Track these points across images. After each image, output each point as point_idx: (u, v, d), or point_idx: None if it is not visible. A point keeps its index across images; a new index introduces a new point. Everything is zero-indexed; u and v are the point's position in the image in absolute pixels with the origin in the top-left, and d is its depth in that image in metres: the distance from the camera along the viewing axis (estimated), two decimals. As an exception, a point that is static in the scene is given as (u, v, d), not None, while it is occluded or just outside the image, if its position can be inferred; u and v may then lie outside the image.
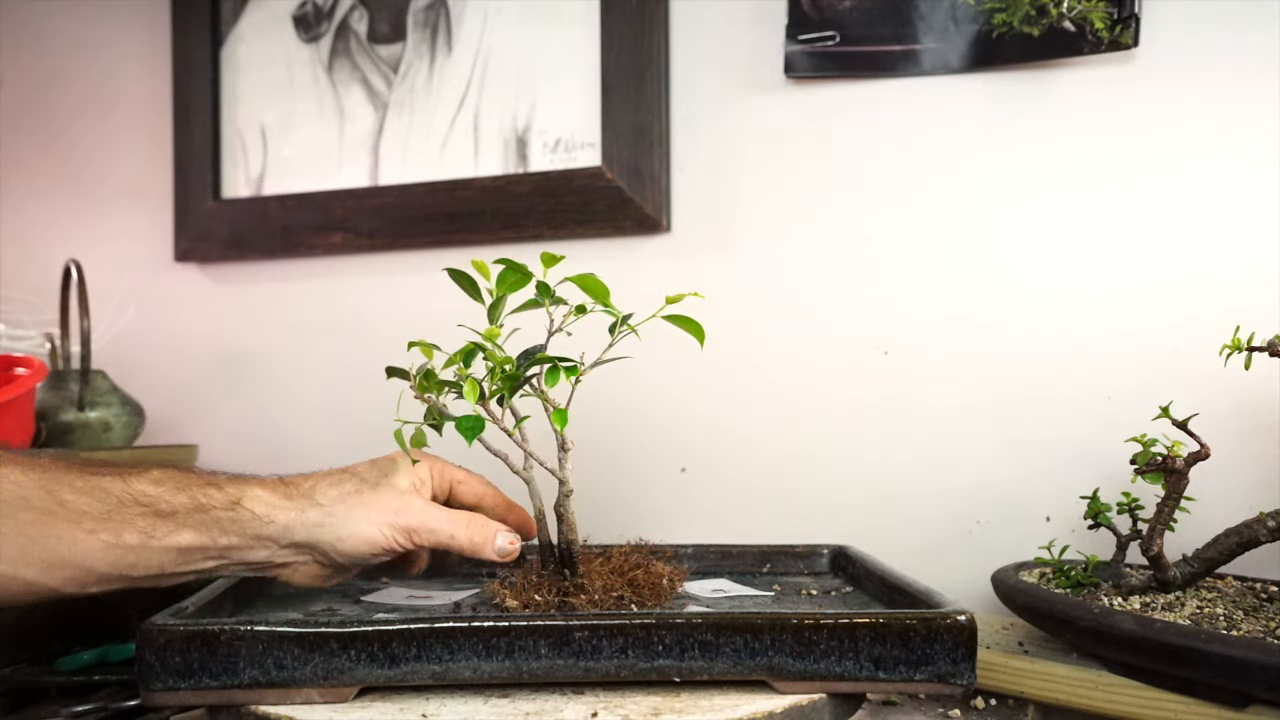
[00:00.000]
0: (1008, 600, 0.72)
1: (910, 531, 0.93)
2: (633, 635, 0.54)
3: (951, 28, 0.92)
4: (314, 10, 1.18)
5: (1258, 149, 0.84)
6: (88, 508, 0.57)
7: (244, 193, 1.20)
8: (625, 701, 0.53)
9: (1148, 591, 0.71)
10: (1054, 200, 0.91)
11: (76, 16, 1.30)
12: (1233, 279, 0.85)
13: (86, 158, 1.29)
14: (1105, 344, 0.88)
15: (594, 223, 1.04)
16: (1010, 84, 0.92)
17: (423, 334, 0.66)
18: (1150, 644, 0.59)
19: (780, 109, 1.00)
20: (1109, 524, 0.75)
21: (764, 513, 0.98)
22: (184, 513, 0.59)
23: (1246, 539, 0.67)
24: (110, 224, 1.27)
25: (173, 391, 1.21)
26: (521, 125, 1.09)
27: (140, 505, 0.58)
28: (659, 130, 1.02)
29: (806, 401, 0.98)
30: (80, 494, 0.57)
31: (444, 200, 1.10)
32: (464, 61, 1.12)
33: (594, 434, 0.74)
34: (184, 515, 0.59)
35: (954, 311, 0.93)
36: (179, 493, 0.59)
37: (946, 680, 0.53)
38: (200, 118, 1.20)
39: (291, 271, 1.18)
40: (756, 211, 1.00)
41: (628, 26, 1.03)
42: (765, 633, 0.54)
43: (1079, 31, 0.87)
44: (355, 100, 1.16)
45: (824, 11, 0.96)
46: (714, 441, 1.00)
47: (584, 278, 0.61)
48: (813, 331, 0.98)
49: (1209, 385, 0.82)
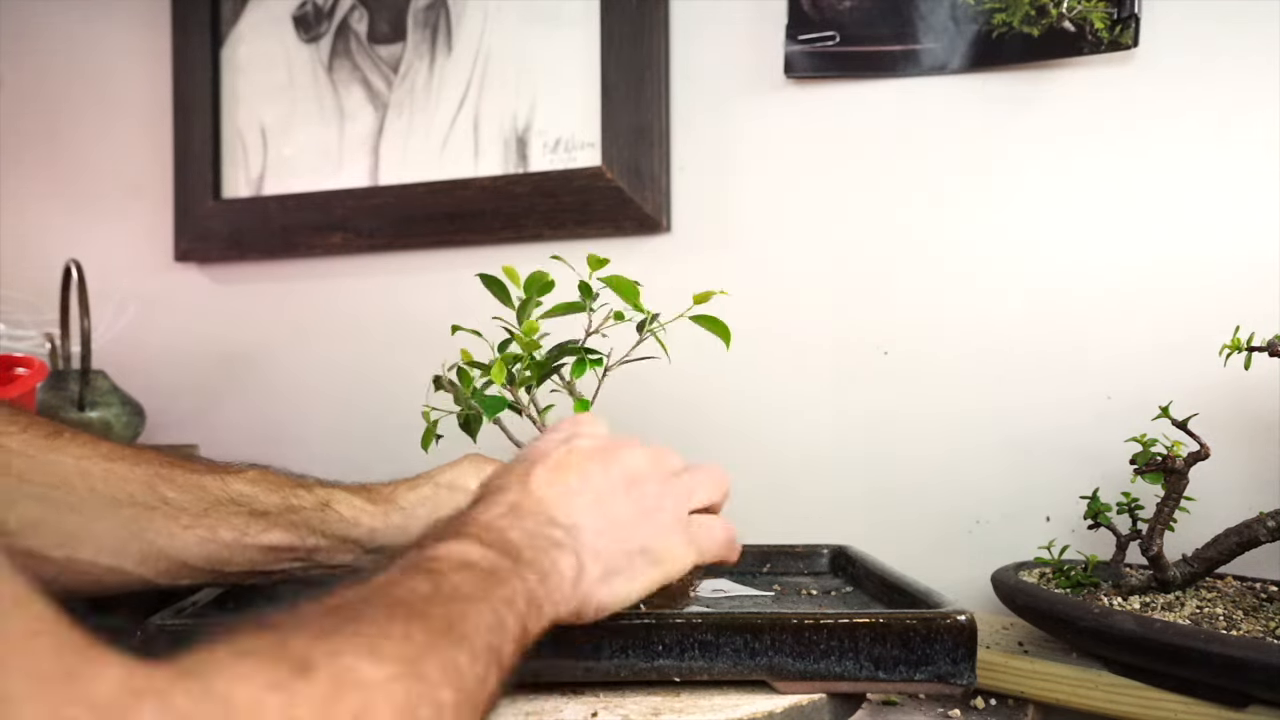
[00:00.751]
0: (1008, 600, 0.72)
1: (910, 531, 0.93)
2: (633, 635, 0.54)
3: (951, 28, 0.92)
4: (314, 10, 1.18)
5: (1257, 149, 0.84)
6: (187, 504, 0.58)
7: (244, 193, 1.20)
8: (625, 701, 0.53)
9: (1148, 591, 0.71)
10: (1054, 200, 0.91)
11: (76, 16, 1.30)
12: (1233, 279, 0.85)
13: (86, 158, 1.29)
14: (1105, 344, 0.88)
15: (594, 223, 1.04)
16: (1010, 84, 0.92)
17: (422, 334, 0.67)
18: (1150, 644, 0.59)
19: (780, 109, 1.00)
20: (1109, 524, 0.75)
21: (764, 513, 0.98)
22: (276, 513, 0.60)
23: (1246, 539, 0.67)
24: (110, 224, 1.27)
25: (173, 391, 1.21)
26: (521, 125, 1.09)
27: (236, 504, 0.59)
28: (659, 130, 1.02)
29: (806, 401, 0.98)
30: (181, 491, 0.58)
31: (444, 200, 1.10)
32: (464, 61, 1.12)
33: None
34: (276, 515, 0.60)
35: (954, 311, 0.93)
36: (272, 493, 0.61)
37: (946, 680, 0.53)
38: (200, 118, 1.20)
39: (291, 271, 1.18)
40: (756, 211, 1.00)
41: (628, 26, 1.03)
42: (765, 633, 0.54)
43: (1079, 31, 0.87)
44: (355, 100, 1.16)
45: (824, 11, 0.96)
46: (714, 441, 1.00)
47: (616, 279, 0.64)
48: (813, 331, 0.98)
49: (1209, 385, 0.82)
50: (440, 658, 0.35)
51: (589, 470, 0.51)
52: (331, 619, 0.34)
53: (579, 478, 0.50)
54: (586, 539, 0.48)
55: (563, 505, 0.49)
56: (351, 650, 0.32)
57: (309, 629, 0.33)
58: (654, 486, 0.53)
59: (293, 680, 0.30)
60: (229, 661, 0.29)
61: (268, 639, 0.31)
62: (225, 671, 0.28)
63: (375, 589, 0.38)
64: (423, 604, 0.37)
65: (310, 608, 0.34)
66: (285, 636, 0.31)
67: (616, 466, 0.52)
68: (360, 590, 0.37)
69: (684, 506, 0.54)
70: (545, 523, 0.47)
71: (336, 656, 0.31)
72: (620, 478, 0.52)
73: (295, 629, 0.32)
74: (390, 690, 0.32)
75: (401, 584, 0.38)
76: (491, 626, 0.39)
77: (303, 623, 0.33)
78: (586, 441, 0.53)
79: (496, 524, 0.46)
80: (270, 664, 0.30)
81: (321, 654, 0.31)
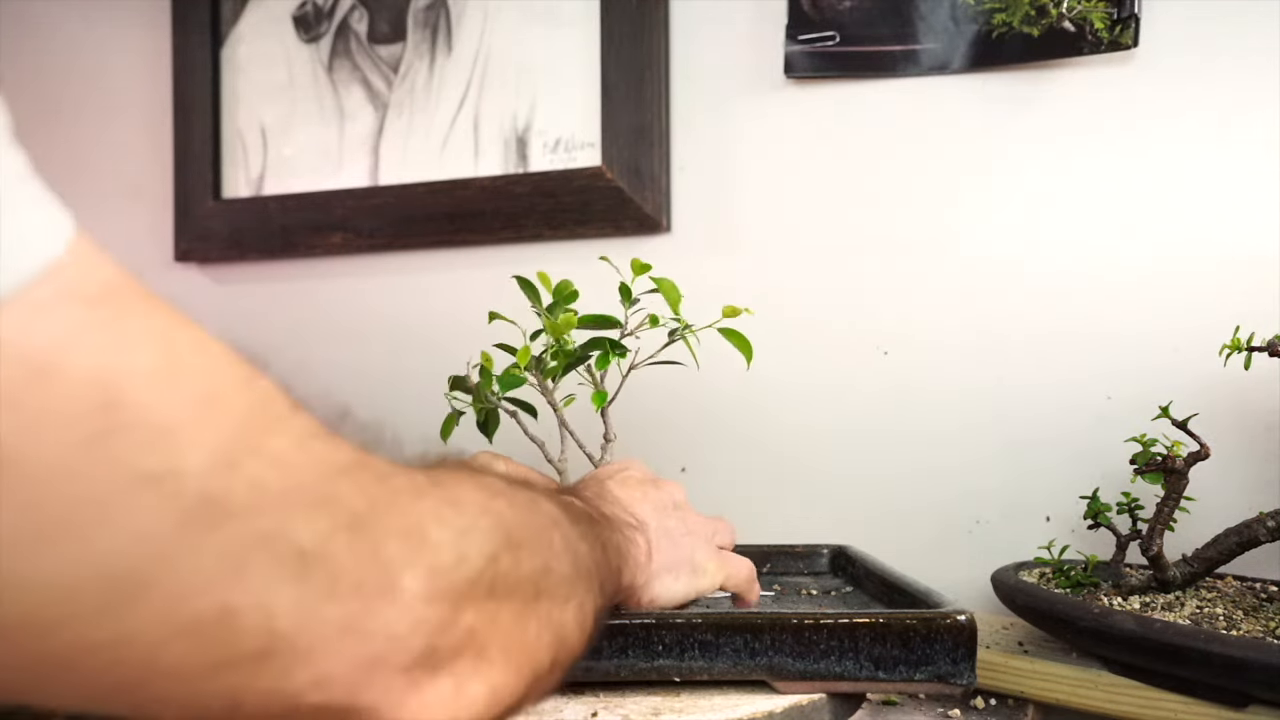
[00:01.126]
0: (1008, 600, 0.72)
1: (910, 531, 0.93)
2: (633, 635, 0.54)
3: (951, 28, 0.92)
4: (314, 10, 1.18)
5: (1258, 149, 0.84)
6: None
7: (244, 193, 1.20)
8: (625, 701, 0.53)
9: (1147, 591, 0.71)
10: (1054, 200, 0.91)
11: (76, 16, 1.30)
12: (1233, 279, 0.85)
13: (86, 158, 1.29)
14: (1105, 344, 0.88)
15: (594, 223, 1.04)
16: (1010, 84, 0.92)
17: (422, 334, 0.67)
18: (1150, 644, 0.59)
19: (780, 109, 1.00)
20: (1109, 524, 0.75)
21: (764, 513, 0.98)
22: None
23: (1246, 539, 0.67)
24: (110, 224, 1.27)
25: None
26: (521, 125, 1.09)
27: None
28: (659, 130, 1.02)
29: (806, 401, 0.98)
30: None
31: (444, 200, 1.10)
32: (464, 62, 1.12)
33: (595, 433, 0.74)
34: None
35: (954, 311, 0.93)
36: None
37: (946, 680, 0.53)
38: (200, 118, 1.20)
39: (291, 271, 1.18)
40: (756, 211, 1.00)
41: (628, 26, 1.03)
42: (765, 633, 0.54)
43: (1079, 32, 0.87)
44: (355, 100, 1.16)
45: (824, 12, 0.96)
46: (714, 441, 1.00)
47: (663, 282, 0.67)
48: (812, 331, 0.98)
49: (1209, 385, 0.82)
50: (579, 528, 0.41)
51: (648, 490, 0.58)
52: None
53: (641, 493, 0.57)
54: (652, 535, 0.54)
55: (635, 507, 0.55)
56: (525, 493, 0.39)
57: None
58: (694, 516, 0.60)
59: (480, 482, 0.36)
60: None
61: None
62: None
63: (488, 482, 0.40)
64: (528, 502, 0.40)
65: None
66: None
67: (666, 494, 0.59)
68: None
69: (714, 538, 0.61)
70: (624, 513, 0.53)
71: (513, 488, 0.38)
72: (669, 503, 0.59)
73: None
74: (552, 510, 0.39)
75: (511, 492, 0.40)
76: (601, 540, 0.45)
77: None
78: (637, 473, 0.60)
79: (591, 500, 0.51)
80: (462, 472, 0.36)
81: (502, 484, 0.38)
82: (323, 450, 0.29)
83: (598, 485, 0.56)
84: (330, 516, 0.27)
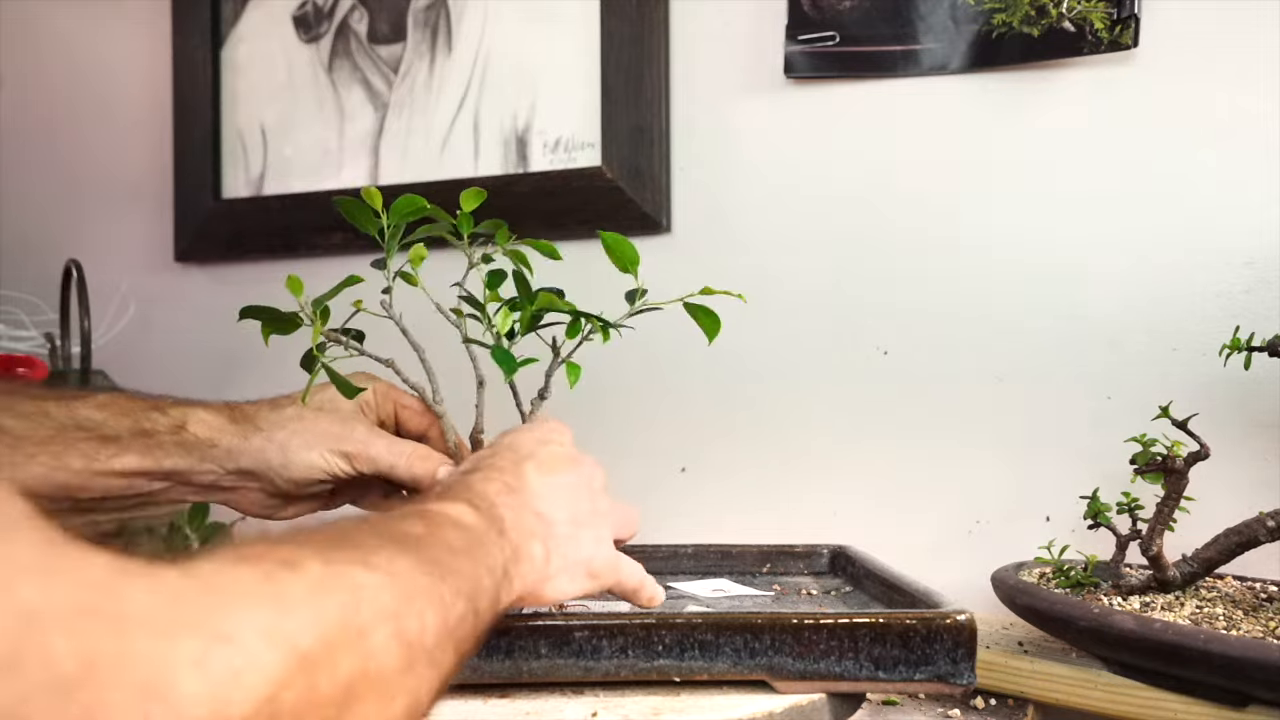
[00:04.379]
0: (1008, 600, 0.72)
1: (910, 531, 0.93)
2: (633, 635, 0.54)
3: (951, 28, 0.92)
4: (314, 10, 1.18)
5: (1256, 148, 0.84)
6: (28, 432, 0.56)
7: (244, 193, 1.20)
8: (625, 701, 0.53)
9: (1147, 591, 0.71)
10: (1053, 200, 0.91)
11: (76, 16, 1.30)
12: (1233, 279, 0.85)
13: (86, 158, 1.29)
14: (1105, 344, 0.88)
15: (594, 223, 1.04)
16: (1010, 84, 0.92)
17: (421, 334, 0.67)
18: (1150, 644, 0.59)
19: (780, 109, 1.00)
20: (1109, 524, 0.75)
21: (764, 513, 0.98)
22: (128, 437, 0.59)
23: (1246, 539, 0.67)
24: (110, 224, 1.27)
25: (173, 391, 1.21)
26: (521, 125, 1.09)
27: (83, 430, 0.58)
28: (659, 130, 1.02)
29: (806, 401, 0.98)
30: (21, 419, 0.56)
31: (444, 200, 1.10)
32: (464, 61, 1.12)
33: (595, 433, 0.74)
34: (128, 439, 0.59)
35: (954, 311, 0.93)
36: (123, 417, 0.59)
37: (946, 680, 0.53)
38: (200, 118, 1.20)
39: (291, 271, 1.18)
40: (756, 211, 1.00)
41: (628, 26, 1.03)
42: (765, 632, 0.54)
43: (1078, 32, 0.87)
44: (355, 100, 1.16)
45: (824, 12, 0.96)
46: (714, 441, 1.00)
47: (613, 238, 0.63)
48: (812, 331, 0.98)
49: (1209, 385, 0.82)
50: (426, 582, 0.37)
51: (567, 476, 0.55)
52: (325, 535, 0.35)
53: (558, 480, 0.54)
54: (555, 534, 0.52)
55: (545, 500, 0.52)
56: (343, 559, 0.33)
57: (303, 541, 0.34)
58: (604, 503, 0.57)
59: (282, 571, 0.30)
60: (223, 559, 0.30)
61: (262, 546, 0.32)
62: (217, 563, 0.29)
63: (372, 524, 0.40)
64: (414, 542, 0.39)
65: (305, 533, 0.35)
66: (278, 543, 0.32)
67: (584, 477, 0.56)
68: (356, 523, 0.39)
69: (613, 531, 0.58)
70: (530, 511, 0.51)
71: (329, 561, 0.32)
72: (585, 489, 0.56)
73: (289, 541, 0.33)
74: (377, 594, 0.33)
75: (397, 524, 0.40)
76: (472, 579, 0.41)
77: (297, 538, 0.34)
78: (559, 449, 0.57)
79: (491, 497, 0.49)
80: (263, 561, 0.30)
81: (313, 556, 0.32)
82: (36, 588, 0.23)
83: (514, 467, 0.53)
84: (24, 679, 0.22)
